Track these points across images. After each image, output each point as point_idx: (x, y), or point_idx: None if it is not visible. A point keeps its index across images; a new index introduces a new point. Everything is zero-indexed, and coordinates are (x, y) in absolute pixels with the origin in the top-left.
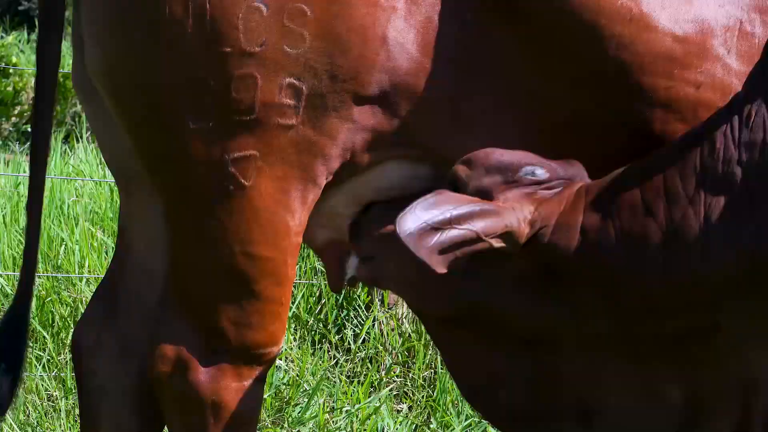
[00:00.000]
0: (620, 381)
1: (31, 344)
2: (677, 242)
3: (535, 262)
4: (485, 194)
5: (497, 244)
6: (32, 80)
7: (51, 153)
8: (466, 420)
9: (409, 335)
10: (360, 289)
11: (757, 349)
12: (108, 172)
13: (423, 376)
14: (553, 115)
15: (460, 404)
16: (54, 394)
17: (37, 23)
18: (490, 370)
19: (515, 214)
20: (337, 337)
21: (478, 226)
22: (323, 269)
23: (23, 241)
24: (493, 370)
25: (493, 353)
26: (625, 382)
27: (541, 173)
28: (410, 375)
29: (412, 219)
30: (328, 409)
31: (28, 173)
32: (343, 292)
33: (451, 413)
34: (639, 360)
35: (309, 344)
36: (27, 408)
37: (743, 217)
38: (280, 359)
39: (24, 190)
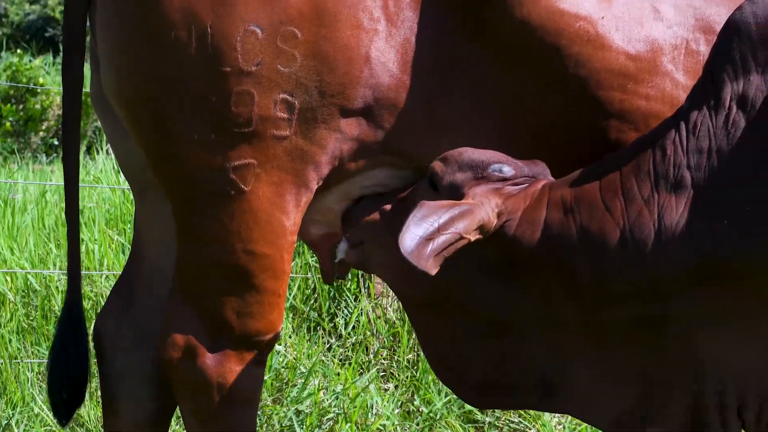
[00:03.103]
0: (580, 360)
1: None
2: (633, 238)
3: (502, 253)
4: (457, 188)
5: (474, 237)
6: (57, 99)
7: None
8: (446, 397)
9: (394, 322)
10: (350, 282)
11: (704, 335)
12: (123, 179)
13: (407, 359)
14: (523, 124)
15: (441, 383)
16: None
17: (61, 48)
18: (461, 348)
19: (484, 208)
20: (330, 324)
21: (459, 227)
22: (317, 265)
23: (47, 242)
24: (464, 348)
25: (464, 333)
26: (585, 361)
27: (507, 170)
28: (395, 357)
29: (410, 237)
30: (323, 389)
31: (56, 182)
32: (334, 284)
33: (432, 391)
34: (598, 343)
35: (305, 331)
36: None
37: (692, 215)
38: (279, 345)
39: (50, 197)
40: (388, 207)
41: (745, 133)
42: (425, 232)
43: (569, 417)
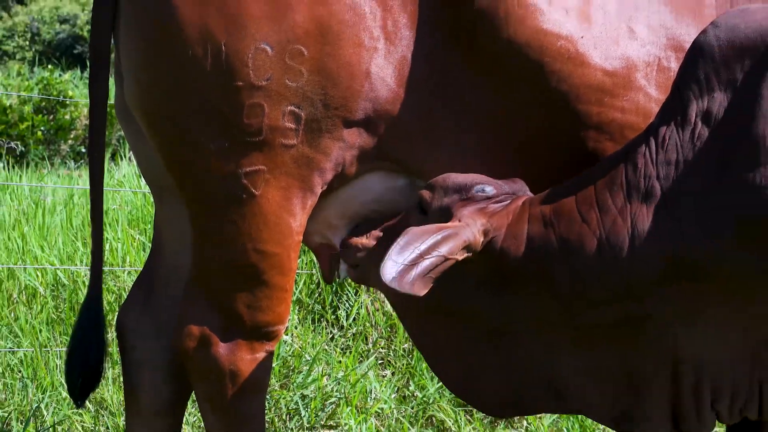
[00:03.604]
0: (573, 361)
1: None
2: (609, 245)
3: (492, 266)
4: (446, 211)
5: (461, 256)
6: (84, 110)
7: None
8: (438, 383)
9: (391, 314)
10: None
11: (679, 332)
12: (144, 183)
13: (403, 348)
14: (509, 134)
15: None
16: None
17: (88, 64)
18: (464, 362)
19: (470, 228)
20: (332, 316)
21: (443, 250)
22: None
23: (75, 241)
24: (467, 362)
25: (467, 346)
26: (577, 362)
27: (489, 190)
28: (392, 347)
29: (391, 265)
30: (326, 375)
31: (83, 186)
32: (336, 281)
33: (426, 377)
34: (587, 344)
35: (310, 323)
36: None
37: (663, 222)
38: (286, 335)
39: (77, 199)
40: (379, 234)
41: (708, 145)
42: (406, 260)
43: None
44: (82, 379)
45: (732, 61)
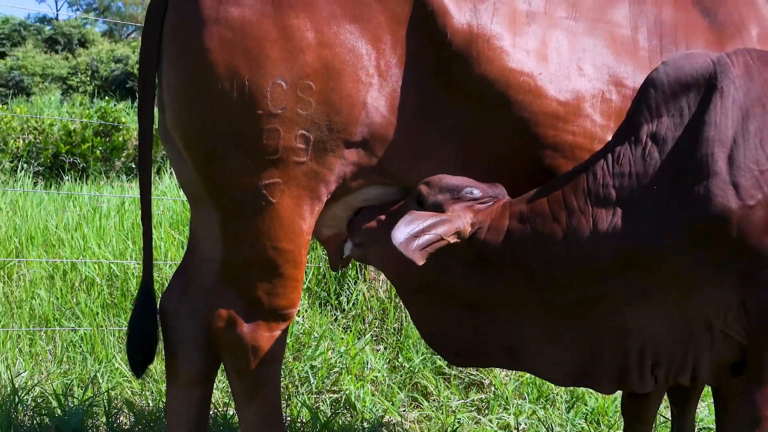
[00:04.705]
0: (537, 330)
1: None
2: (574, 239)
3: (475, 253)
4: (439, 206)
5: (452, 240)
6: (135, 134)
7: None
8: (422, 355)
9: (383, 300)
10: (350, 270)
11: (628, 310)
12: (182, 193)
13: (393, 327)
14: (482, 152)
15: (419, 345)
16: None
17: (137, 95)
18: (444, 324)
19: (461, 219)
20: (335, 301)
21: (440, 231)
22: (326, 258)
23: (126, 240)
24: (446, 324)
25: (445, 312)
26: (540, 331)
27: (476, 192)
28: (384, 326)
29: (400, 232)
30: (330, 350)
31: (133, 195)
32: (339, 272)
33: (412, 351)
34: (550, 317)
35: (317, 306)
36: None
37: (617, 223)
38: (298, 316)
39: (128, 206)
40: (382, 216)
41: (657, 161)
42: (412, 230)
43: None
44: (140, 354)
45: (678, 94)
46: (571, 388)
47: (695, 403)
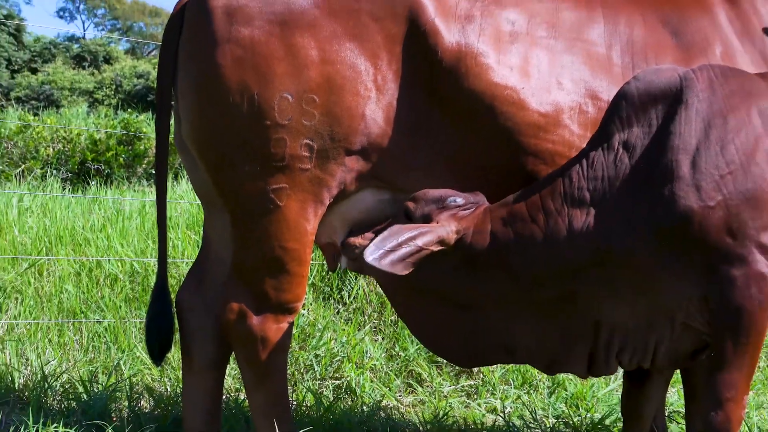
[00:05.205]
0: (526, 326)
1: None
2: (552, 240)
3: (463, 256)
4: (428, 217)
5: (436, 248)
6: (154, 142)
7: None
8: (416, 346)
9: (381, 295)
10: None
11: (599, 303)
12: (196, 197)
13: (390, 319)
14: (470, 159)
15: (414, 336)
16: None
17: (156, 108)
18: (436, 326)
19: (444, 228)
20: (338, 295)
21: (419, 242)
22: None
23: (146, 239)
24: (439, 326)
25: (439, 316)
26: (529, 326)
27: (459, 200)
28: (382, 318)
29: (371, 249)
30: (333, 340)
31: (152, 199)
32: (339, 270)
33: (408, 341)
34: (534, 312)
35: (321, 300)
36: None
37: (590, 223)
38: (303, 309)
39: (148, 209)
40: (371, 235)
41: (627, 166)
42: (387, 246)
43: None
44: (158, 344)
45: (647, 105)
46: (553, 375)
47: (665, 388)
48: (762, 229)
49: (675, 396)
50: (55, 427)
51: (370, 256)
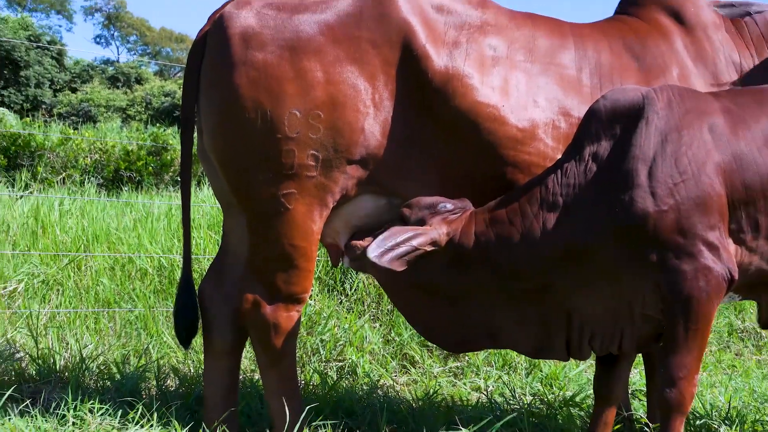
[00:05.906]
0: (507, 315)
1: None
2: (529, 239)
3: (452, 255)
4: (422, 221)
5: (429, 248)
6: (179, 153)
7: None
8: (410, 331)
9: (379, 287)
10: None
11: (571, 294)
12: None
13: (387, 308)
14: (457, 169)
15: (408, 323)
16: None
17: (181, 123)
18: (430, 316)
19: (436, 231)
20: (341, 287)
21: (414, 243)
22: None
23: (173, 238)
24: (432, 316)
25: (431, 306)
26: (510, 315)
27: (449, 206)
28: (380, 308)
29: (373, 247)
30: (337, 326)
31: (178, 203)
32: (340, 266)
33: (402, 327)
34: (514, 303)
35: (326, 292)
36: None
37: (562, 225)
38: (310, 300)
39: (174, 212)
40: (371, 238)
41: (596, 175)
42: (387, 245)
43: None
44: (185, 331)
45: (614, 121)
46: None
47: (628, 369)
48: (709, 229)
49: (637, 376)
50: (91, 404)
51: (372, 253)
